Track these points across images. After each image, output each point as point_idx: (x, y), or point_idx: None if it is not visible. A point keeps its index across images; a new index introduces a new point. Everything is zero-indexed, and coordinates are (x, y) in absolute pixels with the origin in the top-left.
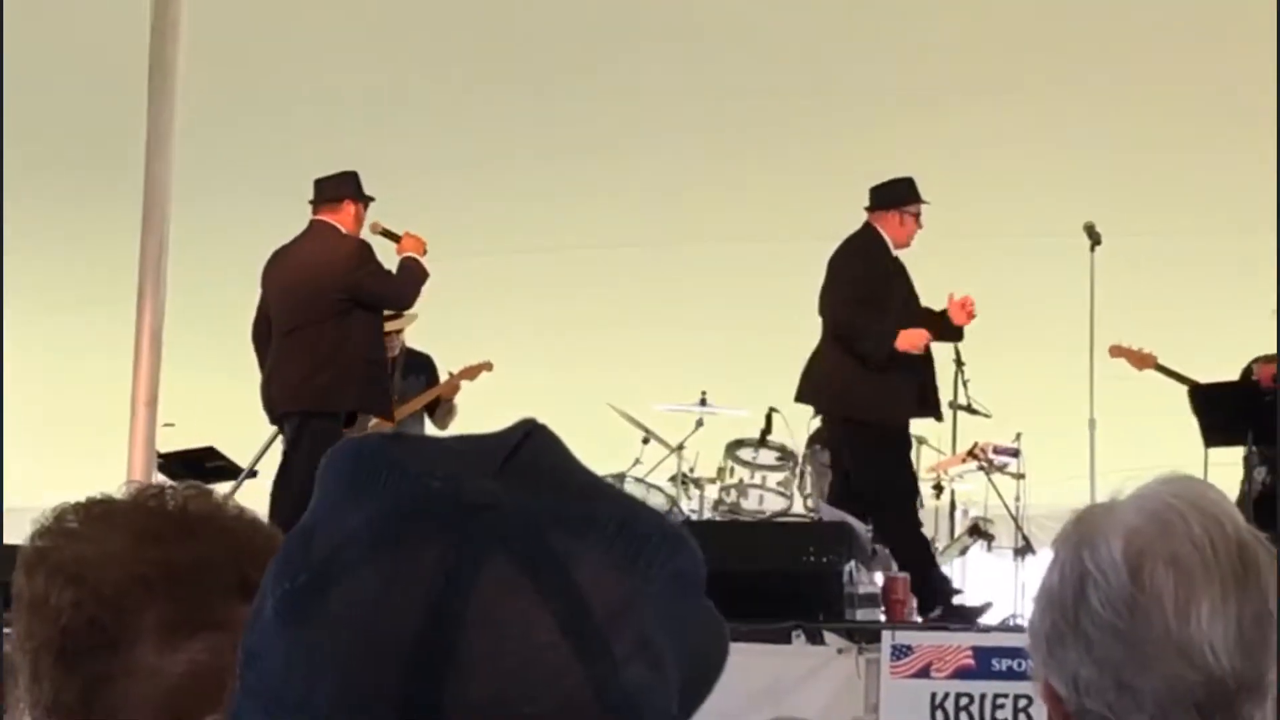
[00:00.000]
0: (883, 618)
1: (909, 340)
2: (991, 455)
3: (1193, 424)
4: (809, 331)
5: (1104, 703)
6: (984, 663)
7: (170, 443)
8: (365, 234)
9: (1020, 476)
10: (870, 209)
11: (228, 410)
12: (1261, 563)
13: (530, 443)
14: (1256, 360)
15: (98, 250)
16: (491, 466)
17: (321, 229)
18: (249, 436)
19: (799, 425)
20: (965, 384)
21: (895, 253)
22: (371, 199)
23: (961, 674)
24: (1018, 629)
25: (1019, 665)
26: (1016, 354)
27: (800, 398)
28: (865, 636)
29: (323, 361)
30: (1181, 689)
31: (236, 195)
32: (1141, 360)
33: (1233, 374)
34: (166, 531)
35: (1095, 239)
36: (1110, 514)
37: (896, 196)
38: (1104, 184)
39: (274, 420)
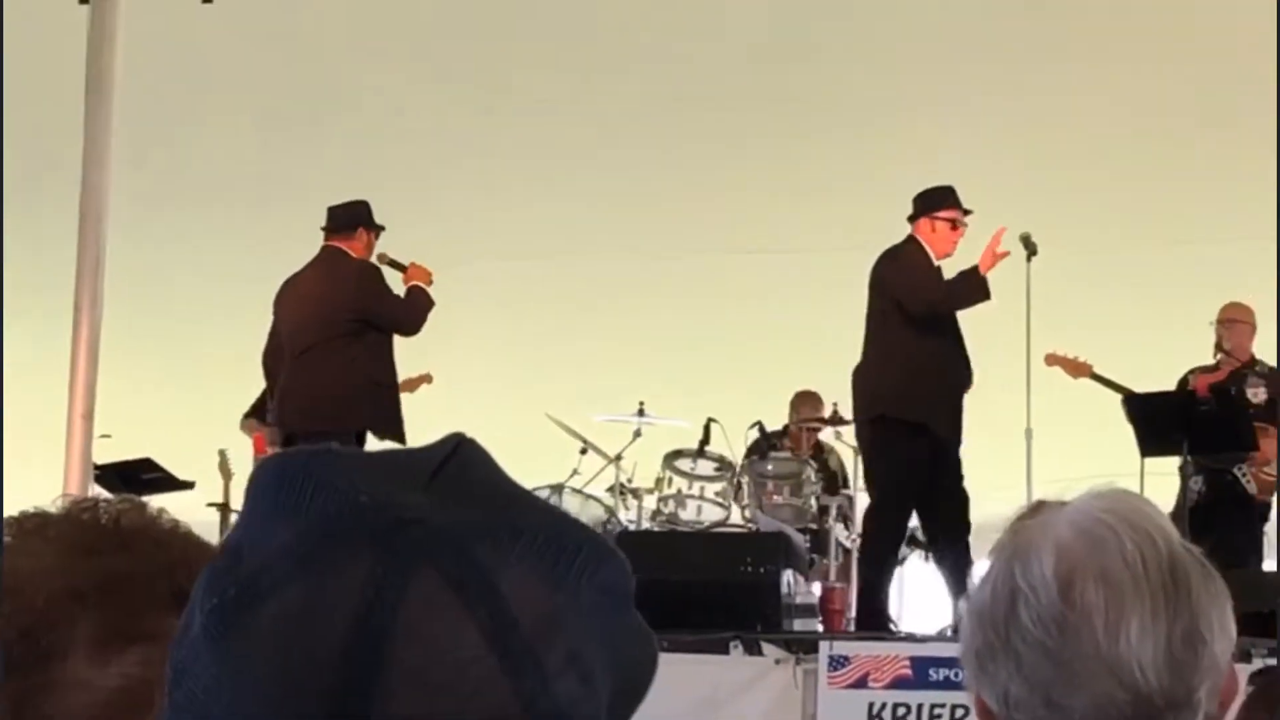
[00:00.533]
0: (820, 628)
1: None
2: None
3: (1129, 434)
4: (747, 343)
5: (1032, 719)
6: (921, 673)
7: (107, 454)
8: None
9: None
10: (910, 218)
11: (165, 422)
12: (1193, 580)
13: (458, 456)
14: (1193, 371)
15: (34, 262)
16: (419, 481)
17: (332, 254)
18: (186, 448)
19: (737, 436)
20: None
21: (937, 262)
22: (382, 227)
23: (899, 684)
24: (955, 639)
25: (956, 675)
26: None
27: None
28: (803, 647)
29: (332, 381)
30: (1110, 707)
31: (173, 208)
32: (1077, 368)
33: (1169, 384)
34: (100, 544)
35: (1032, 249)
36: (1043, 529)
37: (927, 202)
38: (1041, 195)
39: (284, 440)
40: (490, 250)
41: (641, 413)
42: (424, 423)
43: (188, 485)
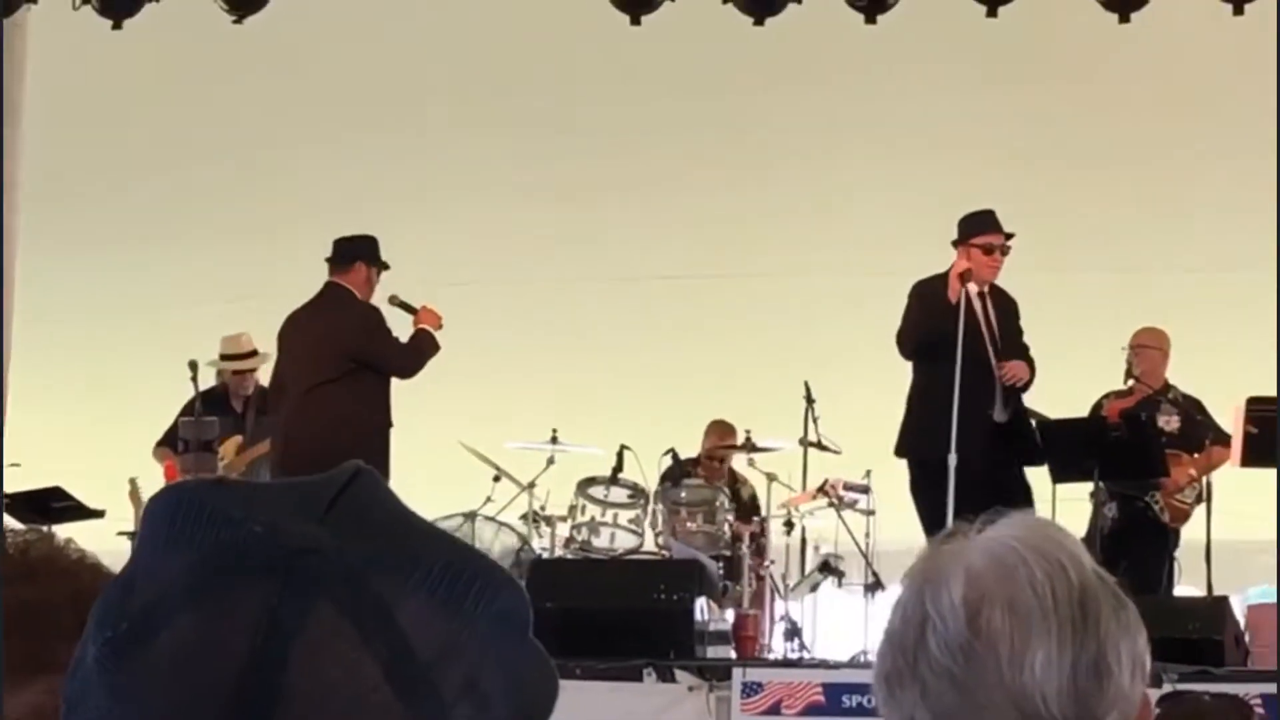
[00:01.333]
0: (733, 655)
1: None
2: (842, 492)
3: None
4: (659, 371)
5: None
6: (834, 699)
7: (16, 483)
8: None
9: (870, 513)
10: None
11: (74, 450)
12: (1103, 610)
13: (355, 486)
14: (1107, 396)
15: None
16: (315, 511)
17: (334, 292)
18: (96, 476)
19: (650, 463)
20: (815, 420)
21: (970, 285)
22: (386, 265)
23: (812, 711)
24: (867, 665)
25: (869, 702)
26: (867, 390)
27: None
28: (716, 674)
29: (339, 423)
30: None
31: (82, 238)
32: None
33: (1081, 410)
34: (7, 574)
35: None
36: (954, 556)
37: (963, 230)
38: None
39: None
40: (402, 277)
41: (555, 440)
42: None
43: (98, 514)
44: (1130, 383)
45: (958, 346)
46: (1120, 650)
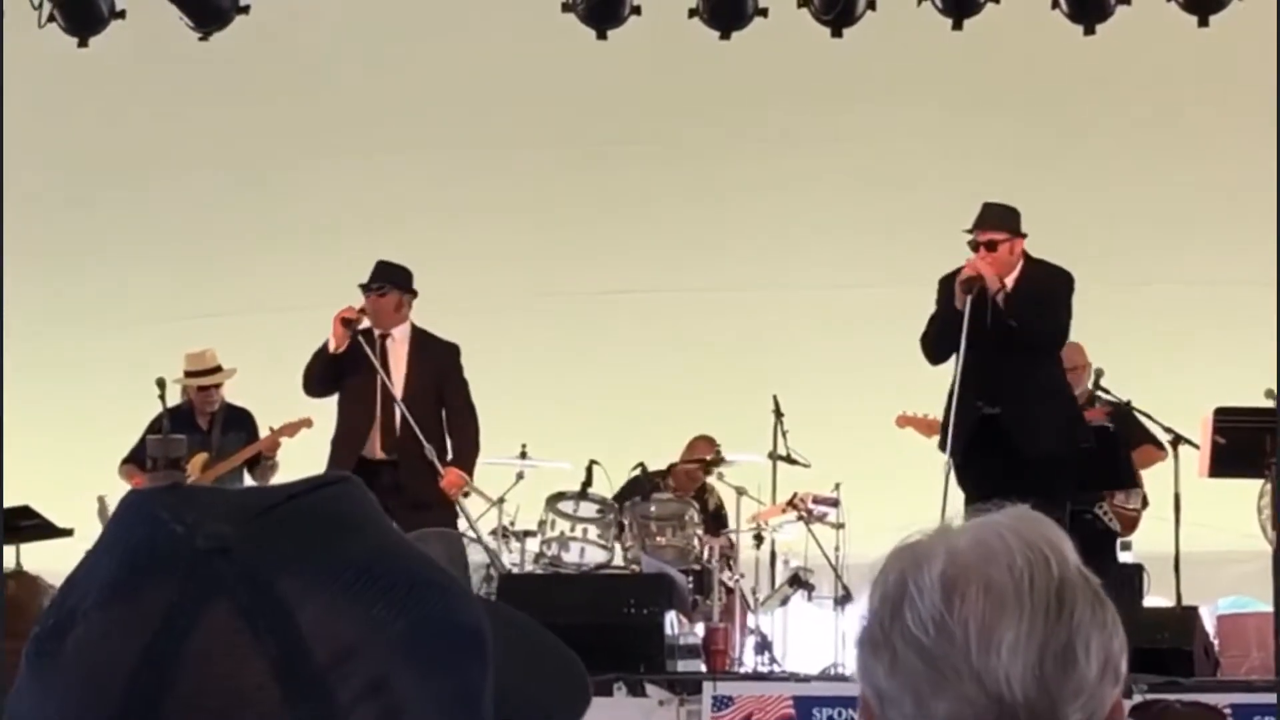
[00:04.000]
0: (704, 668)
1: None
2: (811, 505)
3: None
4: (628, 386)
5: (902, 715)
6: (805, 712)
7: None
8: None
9: (840, 526)
10: None
11: (43, 469)
12: (1079, 604)
13: (320, 494)
14: None
15: None
16: (249, 514)
17: None
18: (64, 495)
19: (619, 478)
20: (785, 434)
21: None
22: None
23: None
24: (839, 678)
25: (840, 715)
26: (836, 403)
27: None
28: (687, 687)
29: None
30: (970, 713)
31: (47, 255)
32: (929, 427)
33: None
34: None
35: None
36: (942, 536)
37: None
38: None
39: None
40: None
41: (524, 455)
42: (307, 468)
43: (66, 532)
44: None
45: (960, 354)
46: (1091, 644)
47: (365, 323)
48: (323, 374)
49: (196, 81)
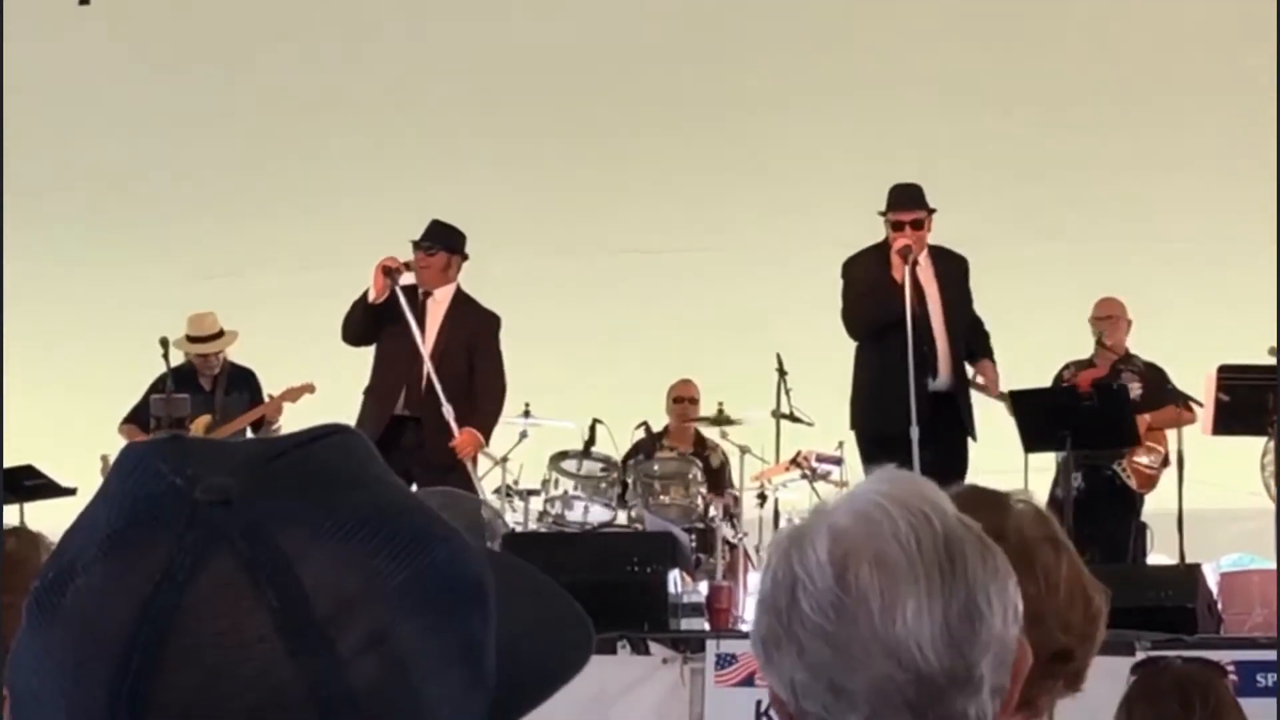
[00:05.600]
0: (707, 626)
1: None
2: (814, 464)
3: (1010, 431)
4: (631, 344)
5: (820, 705)
6: None
7: None
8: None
9: (843, 485)
10: None
11: (46, 428)
12: (969, 556)
13: (320, 445)
14: (1068, 366)
15: None
16: (252, 465)
17: None
18: (67, 454)
19: (623, 436)
20: (788, 392)
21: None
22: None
23: None
24: None
25: None
26: (839, 362)
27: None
28: (690, 646)
29: None
30: (890, 688)
31: (52, 214)
32: None
33: (1043, 380)
34: None
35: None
36: (819, 515)
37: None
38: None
39: None
40: (377, 249)
41: (527, 414)
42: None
43: (69, 491)
44: (1097, 351)
45: (907, 322)
46: (990, 594)
47: (408, 277)
48: (362, 322)
49: (193, 40)
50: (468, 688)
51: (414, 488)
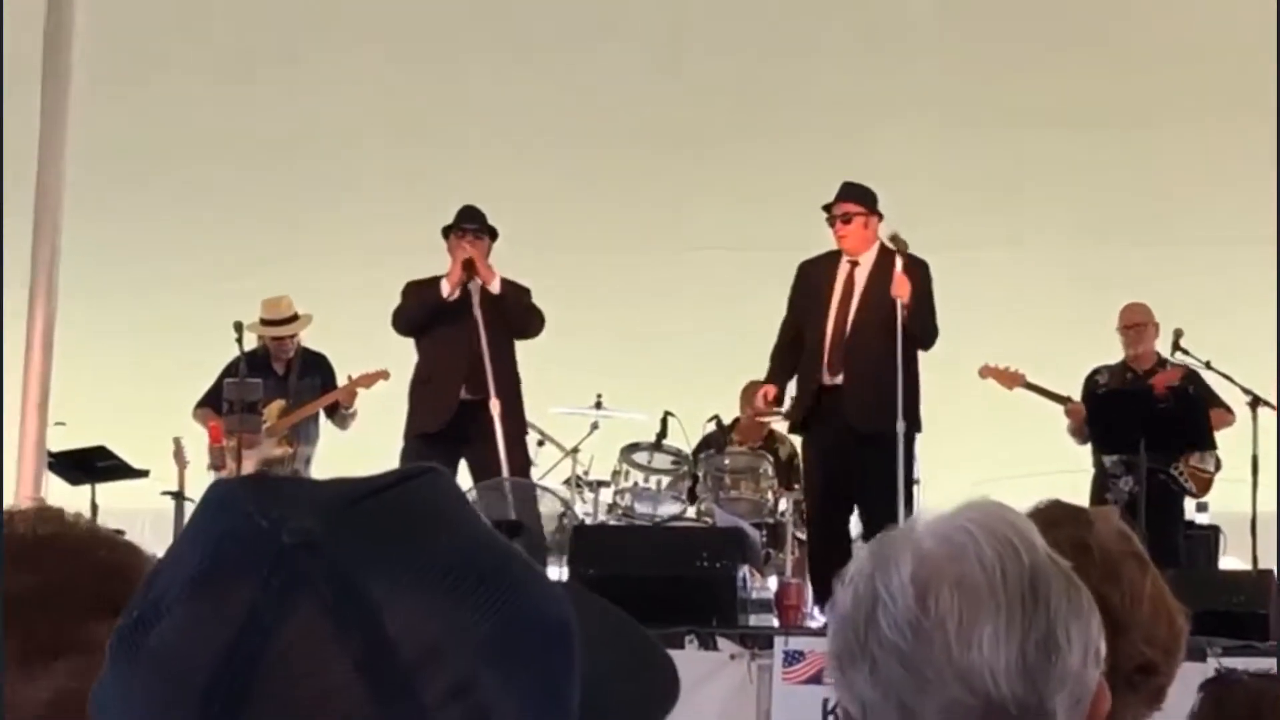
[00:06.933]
0: (776, 623)
1: None
2: None
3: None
4: (704, 337)
5: None
6: None
7: (61, 442)
8: None
9: (915, 481)
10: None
11: (120, 410)
12: (1054, 591)
13: (407, 486)
14: (1098, 371)
15: None
16: (336, 507)
17: None
18: (141, 436)
19: (694, 429)
20: None
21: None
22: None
23: None
24: None
25: None
26: None
27: None
28: (758, 642)
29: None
30: (959, 713)
31: (129, 197)
32: (1011, 379)
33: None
34: (15, 556)
35: (901, 246)
36: (905, 537)
37: None
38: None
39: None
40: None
41: (599, 405)
42: (383, 418)
43: (142, 473)
44: (1130, 354)
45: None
46: (1071, 631)
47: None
48: (430, 315)
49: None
50: None
51: (471, 476)
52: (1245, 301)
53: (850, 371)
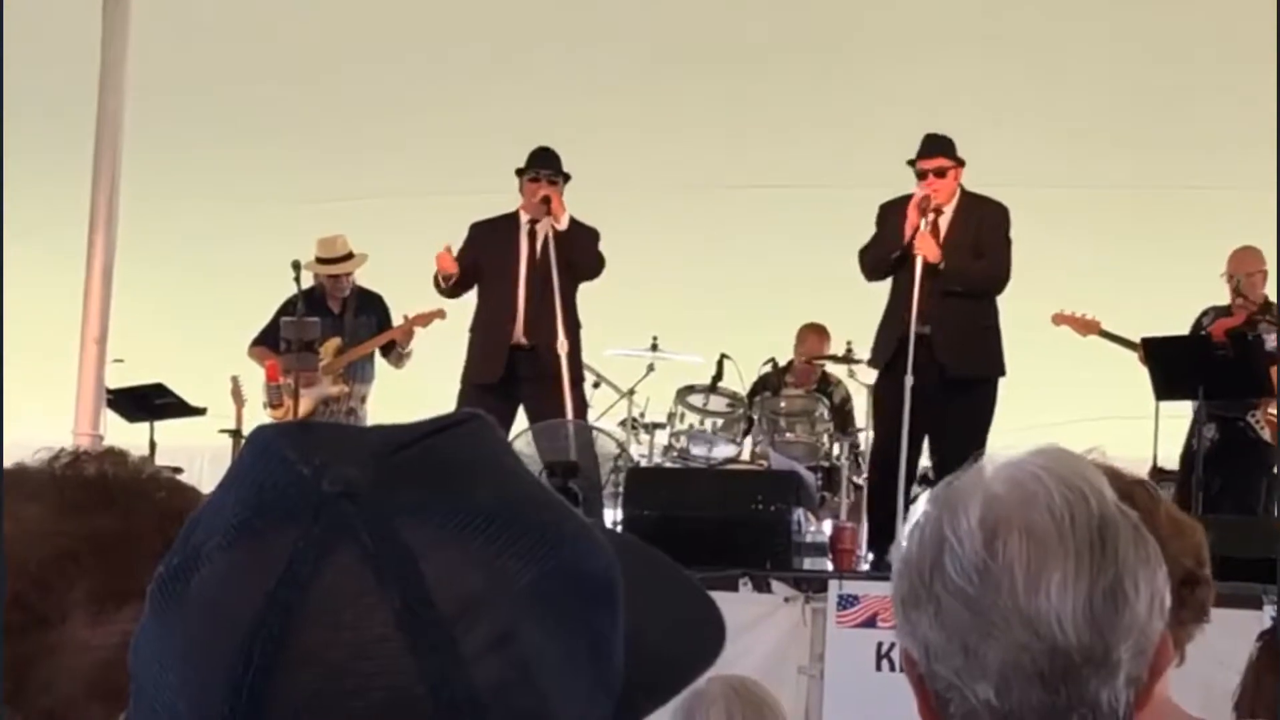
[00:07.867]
0: (830, 567)
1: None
2: None
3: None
4: (760, 279)
5: (951, 668)
6: None
7: (120, 379)
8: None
9: None
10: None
11: (178, 347)
12: (1121, 540)
13: (450, 434)
14: (1207, 312)
15: (49, 185)
16: (378, 455)
17: None
18: (199, 373)
19: (750, 371)
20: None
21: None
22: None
23: None
24: None
25: None
26: None
27: None
28: (812, 585)
29: None
30: (1024, 658)
31: (190, 132)
32: (1085, 326)
33: (1182, 328)
34: (86, 501)
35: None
36: (974, 481)
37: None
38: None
39: None
40: (501, 184)
41: (655, 347)
42: (437, 358)
43: (199, 411)
44: (1238, 301)
45: (915, 271)
46: (1139, 580)
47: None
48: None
49: None
50: (593, 688)
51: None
52: None
53: (940, 320)
